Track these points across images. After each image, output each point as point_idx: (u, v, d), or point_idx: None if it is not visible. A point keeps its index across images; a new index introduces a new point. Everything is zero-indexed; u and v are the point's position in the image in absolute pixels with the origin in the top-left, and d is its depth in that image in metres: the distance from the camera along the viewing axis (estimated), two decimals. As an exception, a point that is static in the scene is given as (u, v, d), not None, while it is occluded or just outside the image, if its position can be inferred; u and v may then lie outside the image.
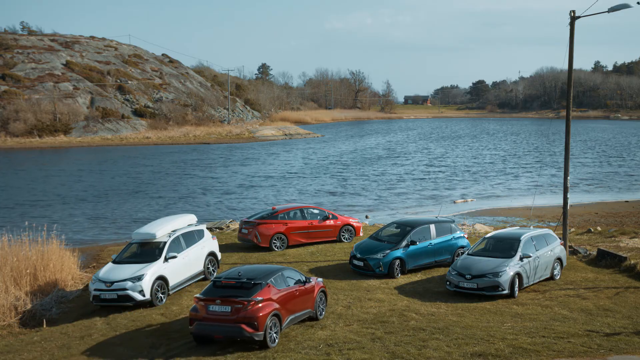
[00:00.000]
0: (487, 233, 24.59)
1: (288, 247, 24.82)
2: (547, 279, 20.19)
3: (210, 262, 20.81)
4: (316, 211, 25.94)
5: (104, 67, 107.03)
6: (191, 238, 20.30)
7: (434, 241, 21.79)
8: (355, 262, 21.33)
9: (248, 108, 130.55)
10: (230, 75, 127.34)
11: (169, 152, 75.66)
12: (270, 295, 14.68)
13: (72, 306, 18.77)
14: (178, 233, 19.85)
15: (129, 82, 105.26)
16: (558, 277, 20.42)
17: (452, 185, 48.08)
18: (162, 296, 18.37)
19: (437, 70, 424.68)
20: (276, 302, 14.76)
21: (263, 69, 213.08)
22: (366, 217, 34.57)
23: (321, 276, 20.60)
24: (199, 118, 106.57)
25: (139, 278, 17.79)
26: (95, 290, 17.77)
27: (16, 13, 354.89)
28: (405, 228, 21.85)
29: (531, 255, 19.12)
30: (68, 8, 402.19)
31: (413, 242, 21.19)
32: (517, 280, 18.54)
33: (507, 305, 17.69)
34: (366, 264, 20.90)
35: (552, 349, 14.04)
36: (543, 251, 19.82)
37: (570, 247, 23.85)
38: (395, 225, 22.73)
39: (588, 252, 23.58)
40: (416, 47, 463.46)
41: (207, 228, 23.75)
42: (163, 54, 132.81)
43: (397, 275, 20.79)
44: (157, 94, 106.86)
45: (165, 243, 19.09)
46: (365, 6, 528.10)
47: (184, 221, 20.84)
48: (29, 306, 17.99)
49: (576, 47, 25.56)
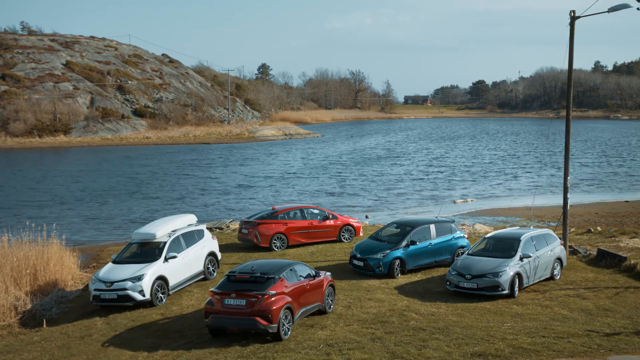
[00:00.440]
0: (487, 233, 24.59)
1: (288, 247, 24.81)
2: (547, 279, 20.19)
3: (210, 262, 20.82)
4: (316, 211, 25.94)
5: (104, 67, 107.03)
6: (191, 238, 20.30)
7: (434, 241, 21.78)
8: (355, 262, 21.32)
9: (248, 108, 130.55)
10: (230, 75, 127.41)
11: (169, 152, 75.66)
12: (282, 289, 15.13)
13: (72, 306, 18.77)
14: (178, 233, 19.85)
15: (129, 82, 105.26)
16: (558, 277, 20.42)
17: (452, 185, 48.09)
18: (162, 296, 18.37)
19: (437, 70, 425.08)
20: (288, 296, 15.21)
21: (263, 69, 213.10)
22: (366, 217, 34.57)
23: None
24: (199, 118, 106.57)
25: (139, 278, 17.79)
26: (95, 290, 17.77)
27: (16, 13, 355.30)
28: (405, 228, 21.85)
29: (531, 255, 19.12)
30: (68, 8, 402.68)
31: (413, 242, 21.18)
32: (517, 280, 18.54)
33: (507, 305, 17.69)
34: (366, 264, 20.90)
35: (552, 349, 14.03)
36: (543, 251, 19.82)
37: (570, 247, 23.85)
38: (395, 225, 22.72)
39: (588, 252, 23.58)
40: (416, 47, 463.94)
41: (207, 228, 23.76)
42: (163, 54, 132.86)
43: (397, 275, 20.79)
44: (157, 94, 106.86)
45: (165, 243, 19.09)
46: (365, 6, 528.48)
47: (184, 221, 20.85)
48: (29, 306, 17.99)
49: (576, 47, 25.56)
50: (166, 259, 18.74)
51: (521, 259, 18.87)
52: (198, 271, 20.25)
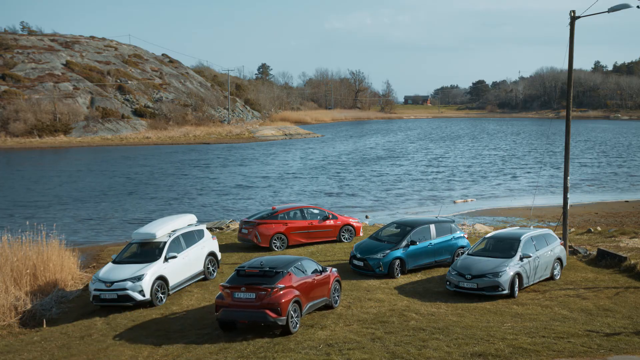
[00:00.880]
0: (487, 233, 24.59)
1: (288, 247, 24.80)
2: (547, 279, 20.19)
3: (210, 262, 20.82)
4: (316, 211, 25.94)
5: (104, 67, 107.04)
6: (191, 238, 20.30)
7: (434, 241, 21.78)
8: (355, 262, 21.32)
9: (248, 108, 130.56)
10: (230, 75, 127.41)
11: (169, 152, 75.66)
12: (291, 283, 15.57)
13: (72, 306, 18.77)
14: (178, 233, 19.86)
15: (129, 82, 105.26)
16: (558, 277, 20.42)
17: (452, 185, 48.08)
18: (162, 296, 18.37)
19: (437, 70, 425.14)
20: (296, 290, 15.63)
21: (263, 69, 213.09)
22: (366, 217, 34.57)
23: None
24: (199, 118, 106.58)
25: (139, 278, 17.79)
26: (95, 290, 17.77)
27: (16, 13, 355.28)
28: (405, 228, 21.84)
29: (531, 255, 19.12)
30: (68, 8, 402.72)
31: (413, 242, 21.18)
32: (517, 280, 18.54)
33: (507, 305, 17.69)
34: (366, 264, 20.89)
35: (552, 349, 14.03)
36: (543, 251, 19.82)
37: (570, 247, 23.85)
38: (395, 225, 22.72)
39: (588, 252, 23.57)
40: (416, 47, 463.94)
41: (207, 228, 23.76)
42: (163, 54, 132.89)
43: (397, 275, 20.79)
44: (157, 94, 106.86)
45: (165, 243, 19.09)
46: (364, 6, 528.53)
47: (184, 221, 20.85)
48: (29, 306, 17.99)
49: (576, 47, 25.56)
50: (166, 259, 18.74)
51: (521, 259, 18.87)
52: (198, 271, 20.25)
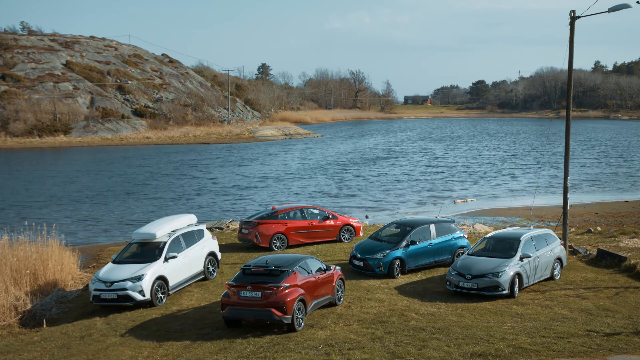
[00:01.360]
0: (487, 233, 24.59)
1: (288, 247, 24.80)
2: (547, 279, 20.19)
3: (210, 262, 20.82)
4: (316, 211, 25.94)
5: (104, 67, 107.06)
6: (191, 238, 20.31)
7: (434, 241, 21.78)
8: (355, 262, 21.32)
9: (248, 108, 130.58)
10: (230, 75, 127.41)
11: (168, 153, 75.65)
12: (296, 281, 15.77)
13: (72, 306, 18.78)
14: (178, 233, 19.86)
15: (129, 82, 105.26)
16: (558, 277, 20.42)
17: (452, 185, 48.08)
18: (162, 296, 18.37)
19: (437, 70, 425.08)
20: (301, 288, 15.82)
21: (263, 69, 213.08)
22: (366, 217, 34.57)
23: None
24: (199, 118, 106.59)
25: (139, 278, 17.79)
26: (95, 290, 17.78)
27: (16, 13, 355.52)
28: (405, 228, 21.84)
29: (531, 255, 19.12)
30: (68, 8, 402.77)
31: (413, 242, 21.18)
32: (517, 280, 18.54)
33: (507, 305, 17.69)
34: (366, 264, 20.89)
35: (552, 349, 14.03)
36: (543, 251, 19.82)
37: (570, 247, 23.85)
38: (395, 225, 22.72)
39: (588, 252, 23.58)
40: (416, 47, 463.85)
41: (207, 228, 23.76)
42: (163, 54, 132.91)
43: (397, 275, 20.79)
44: (157, 94, 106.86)
45: (165, 243, 19.09)
46: (364, 6, 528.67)
47: (184, 221, 20.85)
48: (29, 306, 18.00)
49: (576, 47, 25.58)
50: (166, 259, 18.74)
51: (521, 259, 18.87)
52: (198, 271, 20.25)
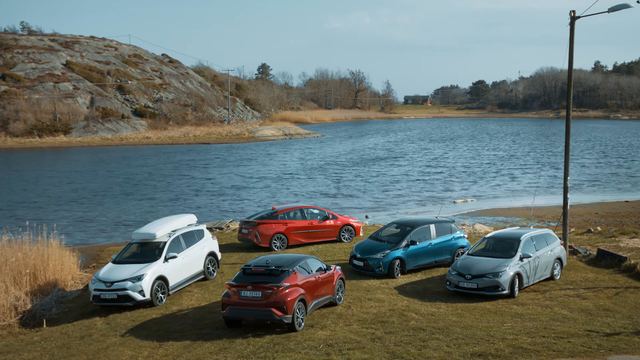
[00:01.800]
0: (487, 233, 24.59)
1: (288, 247, 24.80)
2: (547, 279, 20.19)
3: (210, 262, 20.82)
4: (316, 211, 25.93)
5: (104, 67, 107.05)
6: (191, 238, 20.31)
7: (434, 241, 21.77)
8: (355, 262, 21.32)
9: (248, 108, 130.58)
10: (230, 75, 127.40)
11: (168, 153, 75.64)
12: (296, 281, 15.79)
13: (72, 306, 18.78)
14: (178, 233, 19.86)
15: (129, 82, 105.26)
16: (558, 277, 20.42)
17: (452, 185, 48.07)
18: (162, 296, 18.37)
19: (437, 70, 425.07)
20: (302, 288, 15.86)
21: (263, 69, 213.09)
22: (366, 217, 34.57)
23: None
24: (199, 118, 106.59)
25: (139, 278, 17.79)
26: (95, 290, 17.77)
27: (16, 13, 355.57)
28: (405, 228, 21.84)
29: (531, 255, 19.12)
30: (68, 8, 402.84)
31: (413, 242, 21.18)
32: (517, 280, 18.54)
33: (507, 305, 17.69)
34: (366, 264, 20.89)
35: (552, 349, 14.02)
36: (543, 251, 19.82)
37: (570, 247, 23.85)
38: (395, 225, 22.71)
39: (588, 252, 23.58)
40: (416, 47, 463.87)
41: (207, 228, 23.76)
42: (163, 54, 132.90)
43: (397, 275, 20.78)
44: (157, 94, 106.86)
45: (165, 243, 19.09)
46: (364, 6, 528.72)
47: (184, 221, 20.85)
48: (29, 306, 18.00)
49: (576, 47, 25.58)
50: (166, 259, 18.74)
51: (521, 259, 18.86)
52: (198, 271, 20.25)
